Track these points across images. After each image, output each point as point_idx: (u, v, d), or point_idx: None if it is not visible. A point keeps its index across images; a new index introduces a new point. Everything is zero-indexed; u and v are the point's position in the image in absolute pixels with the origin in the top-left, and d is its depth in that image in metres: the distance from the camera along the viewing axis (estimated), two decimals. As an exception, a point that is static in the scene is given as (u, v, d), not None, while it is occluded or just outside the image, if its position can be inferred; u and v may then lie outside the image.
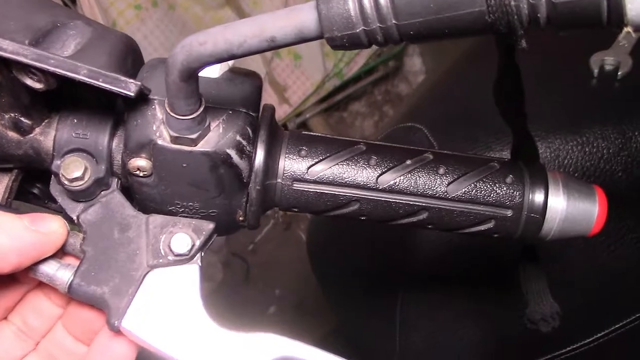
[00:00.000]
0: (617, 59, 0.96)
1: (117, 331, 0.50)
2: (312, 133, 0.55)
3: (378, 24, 0.35)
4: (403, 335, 0.96)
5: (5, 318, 0.55)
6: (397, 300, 0.97)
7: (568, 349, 0.83)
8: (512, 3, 0.32)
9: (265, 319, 2.16)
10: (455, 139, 1.00)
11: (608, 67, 0.98)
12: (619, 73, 0.97)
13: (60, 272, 0.51)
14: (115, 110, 0.52)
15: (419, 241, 0.95)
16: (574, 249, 0.88)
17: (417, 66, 2.64)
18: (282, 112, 2.33)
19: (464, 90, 1.05)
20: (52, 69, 0.44)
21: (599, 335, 0.90)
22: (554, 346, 0.84)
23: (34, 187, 0.62)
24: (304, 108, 2.44)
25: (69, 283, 0.50)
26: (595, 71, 0.98)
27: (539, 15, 0.32)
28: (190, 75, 0.42)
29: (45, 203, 0.63)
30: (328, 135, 0.55)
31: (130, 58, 0.52)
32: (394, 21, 0.35)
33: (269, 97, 2.29)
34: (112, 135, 0.52)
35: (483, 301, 0.90)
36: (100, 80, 0.45)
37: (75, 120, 0.52)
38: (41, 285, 0.54)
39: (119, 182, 0.53)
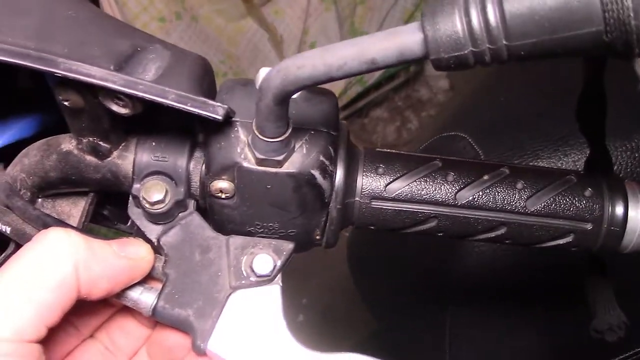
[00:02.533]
0: (663, 63, 0.96)
1: (203, 354, 0.50)
2: (387, 150, 0.55)
3: (488, 45, 0.35)
4: (454, 347, 0.96)
5: (92, 336, 0.55)
6: (447, 312, 0.96)
7: (630, 353, 0.83)
8: (633, 22, 0.32)
9: (295, 327, 2.16)
10: (500, 147, 0.99)
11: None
12: (665, 77, 0.96)
13: (144, 296, 0.51)
14: (191, 133, 0.53)
15: (468, 252, 0.94)
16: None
17: (440, 85, 2.64)
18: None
19: (507, 97, 1.05)
20: (141, 94, 0.45)
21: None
22: (615, 354, 0.83)
23: (104, 208, 0.62)
24: (327, 116, 2.44)
25: (153, 306, 0.50)
26: (641, 76, 0.97)
27: (658, 33, 0.32)
28: (285, 98, 0.42)
29: (115, 224, 0.63)
30: (404, 152, 0.55)
31: (207, 80, 0.52)
32: (504, 42, 0.35)
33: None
34: (190, 158, 0.52)
35: (539, 311, 0.90)
36: (189, 104, 0.45)
37: (154, 144, 0.52)
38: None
39: (196, 203, 0.54)
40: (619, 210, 0.52)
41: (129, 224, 0.62)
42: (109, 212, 0.62)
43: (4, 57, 0.44)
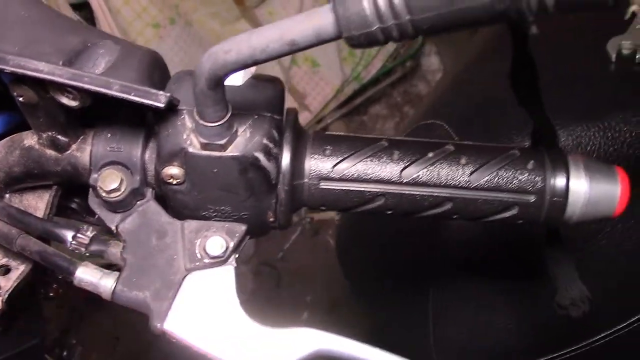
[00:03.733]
0: (634, 43, 0.97)
1: (160, 333, 0.52)
2: (335, 133, 0.57)
3: (393, 21, 0.37)
4: (437, 328, 0.97)
5: None
6: (429, 295, 0.98)
7: (601, 335, 0.84)
8: None
9: (299, 325, 2.18)
10: (476, 133, 1.01)
11: (625, 52, 0.98)
12: (637, 57, 0.97)
13: (103, 280, 0.53)
14: (146, 123, 0.55)
15: (445, 234, 0.96)
16: (600, 234, 0.88)
17: (434, 65, 2.65)
18: (302, 119, 2.35)
19: (482, 85, 1.06)
20: (86, 86, 0.47)
21: (632, 320, 0.90)
22: (587, 333, 0.85)
23: (72, 202, 0.64)
24: (325, 114, 2.46)
25: (112, 289, 0.53)
26: (613, 56, 0.98)
27: (546, 2, 0.34)
28: (217, 83, 0.44)
29: (84, 217, 0.65)
30: (351, 134, 0.56)
31: (157, 72, 0.54)
32: (408, 17, 0.37)
33: (289, 104, 2.31)
34: (144, 147, 0.54)
35: (514, 289, 0.91)
36: (132, 94, 0.47)
37: (110, 135, 0.54)
38: None
39: (153, 191, 0.56)
40: (561, 181, 0.54)
41: (96, 216, 0.65)
42: (77, 206, 0.64)
43: (-47, 57, 0.46)
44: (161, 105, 0.48)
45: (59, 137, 0.55)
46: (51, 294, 0.84)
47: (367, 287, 1.27)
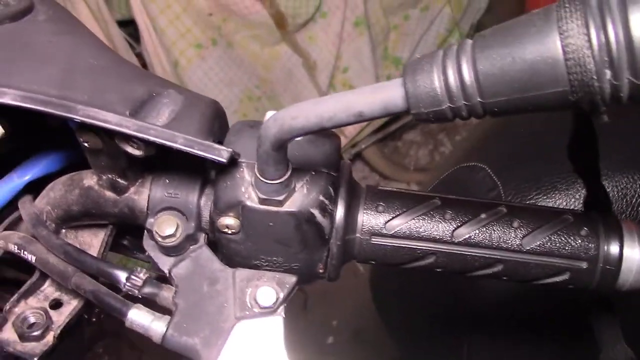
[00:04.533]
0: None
1: (207, 382, 0.53)
2: (388, 188, 0.57)
3: (463, 102, 0.37)
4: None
5: None
6: (464, 344, 0.97)
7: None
8: (596, 84, 0.34)
9: (324, 349, 2.18)
10: (519, 178, 1.00)
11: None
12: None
13: (154, 324, 0.54)
14: (203, 170, 0.56)
15: (486, 284, 0.95)
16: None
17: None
18: (337, 144, 2.36)
19: (527, 129, 1.06)
20: (152, 138, 0.48)
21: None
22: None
23: (124, 239, 0.66)
24: (360, 139, 2.47)
25: (163, 334, 0.53)
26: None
27: (621, 94, 0.34)
28: (281, 145, 0.45)
29: (134, 254, 0.67)
30: (404, 190, 0.57)
31: (217, 122, 0.55)
32: (479, 99, 0.37)
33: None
34: (200, 194, 0.55)
35: (553, 347, 0.90)
36: (196, 148, 0.48)
37: (168, 181, 0.55)
38: None
39: (206, 237, 0.57)
40: (614, 249, 0.54)
41: (146, 254, 0.66)
42: (128, 242, 0.66)
43: (29, 105, 0.48)
44: (224, 160, 0.49)
45: (119, 180, 0.56)
46: (93, 319, 0.85)
47: (398, 319, 1.27)
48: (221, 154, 0.49)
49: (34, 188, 0.62)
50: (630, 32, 0.32)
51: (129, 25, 2.19)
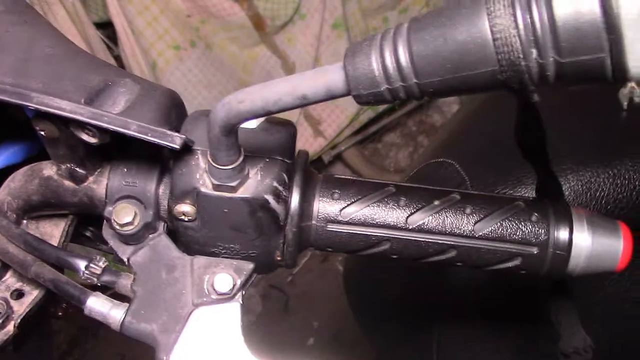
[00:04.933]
0: (646, 91, 0.97)
1: (164, 367, 0.53)
2: (344, 176, 0.58)
3: (400, 83, 0.39)
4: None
5: None
6: (434, 334, 0.98)
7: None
8: (522, 63, 0.35)
9: (305, 350, 2.18)
10: (486, 173, 1.02)
11: (637, 99, 0.99)
12: (648, 105, 0.97)
13: (113, 311, 0.54)
14: (161, 159, 0.57)
15: (453, 275, 0.97)
16: (605, 281, 0.88)
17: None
18: (317, 146, 2.38)
19: (494, 125, 1.07)
20: (105, 125, 0.49)
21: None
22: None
23: (86, 230, 0.66)
24: (339, 141, 2.48)
25: (121, 321, 0.54)
26: (625, 104, 0.99)
27: (548, 73, 0.35)
28: (230, 130, 0.46)
29: (97, 245, 0.67)
30: (360, 179, 0.58)
31: (174, 111, 0.56)
32: (415, 80, 0.38)
33: (304, 130, 2.34)
34: (158, 182, 0.56)
35: (519, 334, 0.91)
36: (149, 135, 0.49)
37: (126, 170, 0.56)
38: None
39: (165, 225, 0.57)
40: (564, 234, 0.55)
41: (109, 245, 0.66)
42: (91, 234, 0.66)
43: (-17, 92, 0.48)
44: (176, 146, 0.49)
45: (78, 169, 0.57)
46: (60, 314, 0.85)
47: (372, 318, 1.28)
48: (174, 140, 0.49)
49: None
50: (553, 12, 0.34)
51: (106, 27, 2.19)
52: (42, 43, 0.55)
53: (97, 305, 0.55)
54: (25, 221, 0.61)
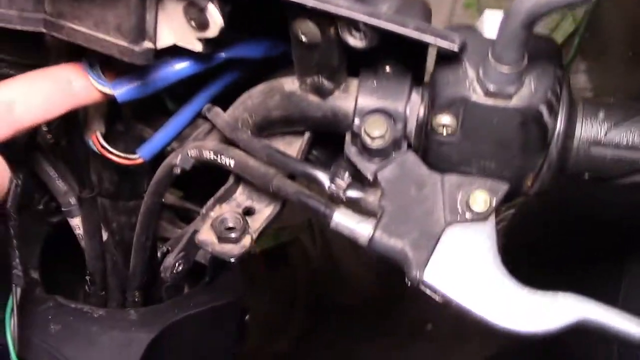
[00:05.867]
0: None
1: (418, 284, 0.51)
2: (607, 98, 0.54)
3: None
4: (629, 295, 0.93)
5: None
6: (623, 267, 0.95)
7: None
8: None
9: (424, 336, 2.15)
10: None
11: None
12: None
13: (361, 226, 0.53)
14: (411, 72, 0.55)
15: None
16: None
17: (580, 83, 2.55)
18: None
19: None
20: (384, 24, 0.47)
21: None
22: None
23: (309, 154, 0.65)
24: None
25: (370, 236, 0.52)
26: None
27: None
28: (533, 22, 0.43)
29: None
30: (624, 100, 0.54)
31: (430, 22, 0.54)
32: None
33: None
34: (408, 99, 0.54)
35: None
36: (428, 33, 0.47)
37: (375, 83, 0.54)
38: None
39: (409, 143, 0.55)
40: None
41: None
42: (314, 158, 0.65)
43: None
44: (455, 47, 0.47)
45: (325, 82, 0.55)
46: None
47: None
48: (454, 40, 0.47)
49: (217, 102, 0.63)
50: None
51: None
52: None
53: (345, 219, 0.53)
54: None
